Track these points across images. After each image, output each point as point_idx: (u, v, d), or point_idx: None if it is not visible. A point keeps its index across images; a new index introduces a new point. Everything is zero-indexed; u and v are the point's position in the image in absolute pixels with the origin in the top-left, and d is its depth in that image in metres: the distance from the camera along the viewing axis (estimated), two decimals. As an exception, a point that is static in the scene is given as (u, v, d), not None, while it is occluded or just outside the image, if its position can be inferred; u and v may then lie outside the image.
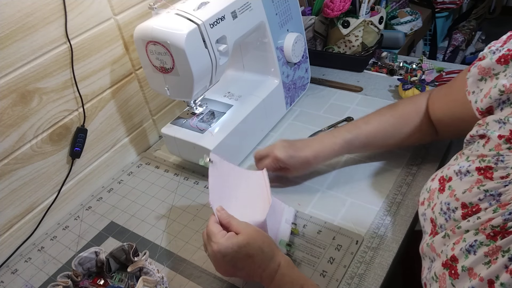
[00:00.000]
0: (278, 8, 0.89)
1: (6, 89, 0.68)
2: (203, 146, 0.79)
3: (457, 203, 0.49)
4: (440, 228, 0.52)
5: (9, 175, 0.73)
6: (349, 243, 0.67)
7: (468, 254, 0.45)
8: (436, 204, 0.53)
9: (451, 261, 0.47)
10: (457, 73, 1.00)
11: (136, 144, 0.97)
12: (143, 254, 0.65)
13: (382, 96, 0.99)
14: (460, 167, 0.51)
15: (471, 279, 0.43)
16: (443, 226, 0.51)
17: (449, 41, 2.11)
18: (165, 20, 0.70)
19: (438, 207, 0.52)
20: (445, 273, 0.47)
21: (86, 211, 0.84)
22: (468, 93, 0.56)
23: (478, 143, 0.51)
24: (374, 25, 1.10)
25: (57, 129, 0.79)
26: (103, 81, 0.84)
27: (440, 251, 0.50)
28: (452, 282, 0.45)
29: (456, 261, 0.46)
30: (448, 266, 0.47)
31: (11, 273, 0.74)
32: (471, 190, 0.47)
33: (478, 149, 0.50)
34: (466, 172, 0.50)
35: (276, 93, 0.93)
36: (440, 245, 0.50)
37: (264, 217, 0.63)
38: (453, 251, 0.47)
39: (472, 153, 0.51)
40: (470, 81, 0.56)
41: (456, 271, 0.45)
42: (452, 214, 0.49)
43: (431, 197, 0.55)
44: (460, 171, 0.51)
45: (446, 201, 0.51)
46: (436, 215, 0.52)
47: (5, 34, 0.66)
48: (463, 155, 0.53)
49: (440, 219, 0.51)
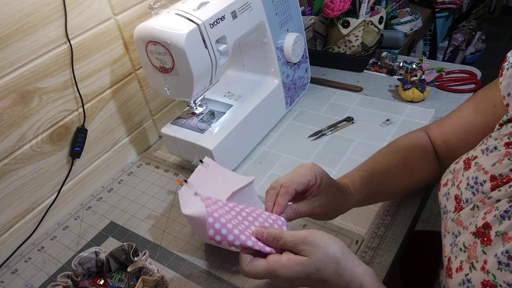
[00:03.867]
0: (278, 8, 0.89)
1: (6, 89, 0.68)
2: (203, 146, 0.79)
3: (486, 176, 0.49)
4: (465, 203, 0.51)
5: (9, 175, 0.73)
6: (349, 243, 0.67)
7: (502, 220, 0.44)
8: (461, 181, 0.53)
9: (483, 228, 0.46)
10: (457, 73, 1.01)
11: (136, 144, 0.97)
12: (143, 254, 0.65)
13: (382, 96, 0.99)
14: (488, 146, 0.51)
15: (505, 243, 0.43)
16: (469, 200, 0.51)
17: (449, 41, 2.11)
18: (165, 20, 0.70)
19: (465, 182, 0.52)
20: (476, 242, 0.47)
21: (86, 211, 0.84)
22: (503, 97, 0.54)
23: (506, 126, 0.51)
24: (374, 25, 1.10)
25: (57, 129, 0.79)
26: (103, 81, 0.84)
27: (468, 223, 0.50)
28: (483, 249, 0.45)
29: (489, 228, 0.45)
30: (480, 234, 0.46)
31: (11, 273, 0.74)
32: (501, 162, 0.48)
33: (506, 130, 0.51)
34: (494, 148, 0.50)
35: (276, 93, 0.93)
36: (469, 217, 0.50)
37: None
38: (485, 220, 0.46)
39: (500, 133, 0.51)
40: (504, 84, 0.54)
41: (489, 238, 0.45)
42: (480, 187, 0.49)
43: (455, 177, 0.55)
44: (487, 149, 0.51)
45: (474, 175, 0.51)
46: (462, 190, 0.52)
47: (5, 34, 0.66)
48: (490, 138, 0.53)
49: (467, 193, 0.51)
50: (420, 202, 0.73)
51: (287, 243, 0.49)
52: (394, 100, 0.97)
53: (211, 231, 0.49)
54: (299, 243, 0.48)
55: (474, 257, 0.46)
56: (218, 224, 0.49)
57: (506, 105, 0.54)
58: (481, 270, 0.44)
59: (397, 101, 0.97)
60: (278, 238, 0.49)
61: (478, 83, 0.96)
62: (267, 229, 0.50)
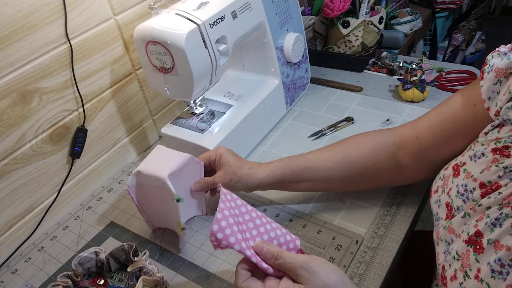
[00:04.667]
0: (278, 8, 0.89)
1: (6, 89, 0.68)
2: (203, 146, 0.79)
3: (475, 183, 0.49)
4: (456, 210, 0.51)
5: (9, 175, 0.73)
6: (349, 243, 0.67)
7: (493, 227, 0.44)
8: (451, 188, 0.53)
9: (475, 236, 0.46)
10: (457, 73, 1.01)
11: (136, 144, 0.97)
12: (143, 254, 0.65)
13: (382, 96, 0.99)
14: (475, 152, 0.51)
15: (497, 251, 0.43)
16: (460, 208, 0.51)
17: (449, 41, 2.11)
18: (165, 20, 0.70)
19: (454, 190, 0.52)
20: (469, 250, 0.47)
21: (86, 211, 0.84)
22: (484, 101, 0.54)
23: (492, 131, 0.51)
24: (374, 25, 1.10)
25: (57, 129, 0.79)
26: (103, 81, 0.84)
27: (460, 231, 0.50)
28: (476, 258, 0.45)
29: (481, 236, 0.45)
30: (472, 243, 0.47)
31: (11, 273, 0.74)
32: (489, 169, 0.48)
33: (492, 135, 0.51)
34: (481, 155, 0.50)
35: (276, 93, 0.93)
36: (460, 225, 0.50)
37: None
38: (476, 227, 0.46)
39: (487, 139, 0.51)
40: (485, 87, 0.54)
41: (482, 245, 0.45)
42: (470, 195, 0.49)
43: (445, 184, 0.55)
44: (475, 155, 0.51)
45: (463, 183, 0.51)
46: (453, 198, 0.52)
47: (5, 34, 0.66)
48: (477, 143, 0.53)
49: (457, 201, 0.51)
50: (420, 202, 0.73)
51: (286, 264, 0.47)
52: (394, 100, 0.97)
53: (216, 227, 0.48)
54: (298, 267, 0.46)
55: (468, 265, 0.46)
56: (225, 222, 0.49)
57: (487, 109, 0.54)
58: (475, 278, 0.45)
59: (397, 101, 0.97)
60: (277, 257, 0.48)
61: (478, 83, 0.96)
62: (267, 245, 0.50)
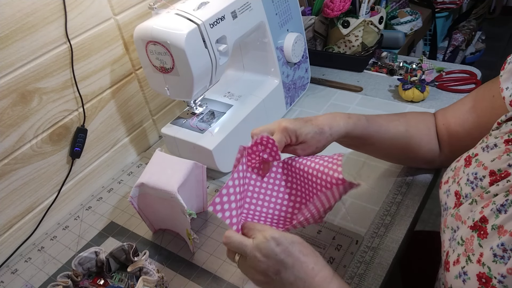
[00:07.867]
0: (278, 8, 0.89)
1: (6, 89, 0.68)
2: (203, 146, 0.79)
3: (485, 171, 0.50)
4: (465, 198, 0.52)
5: (9, 175, 0.73)
6: (349, 243, 0.67)
7: (499, 213, 0.45)
8: (462, 177, 0.54)
9: (480, 222, 0.47)
10: (457, 73, 1.01)
11: (136, 144, 0.97)
12: (143, 254, 0.65)
13: (382, 96, 0.99)
14: (488, 144, 0.52)
15: (501, 236, 0.44)
16: (468, 195, 0.52)
17: (449, 41, 2.11)
18: (165, 20, 0.70)
19: (465, 178, 0.53)
20: (473, 235, 0.47)
21: (86, 211, 0.84)
22: (501, 90, 0.56)
23: (506, 124, 0.52)
24: (374, 25, 1.10)
25: (57, 129, 0.79)
26: (103, 81, 0.84)
27: (466, 218, 0.50)
28: (479, 243, 0.46)
29: (486, 222, 0.46)
30: (477, 228, 0.47)
31: (11, 273, 0.74)
32: (500, 158, 0.49)
33: (506, 128, 0.52)
34: (494, 146, 0.51)
35: (276, 93, 0.93)
36: (467, 211, 0.51)
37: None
38: (482, 214, 0.47)
39: (500, 131, 0.52)
40: (504, 78, 0.56)
41: (486, 231, 0.46)
42: (479, 183, 0.50)
43: (456, 174, 0.56)
44: (487, 146, 0.52)
45: (474, 171, 0.52)
46: (462, 186, 0.53)
47: (5, 34, 0.66)
48: (490, 136, 0.54)
49: (466, 189, 0.52)
50: (420, 202, 0.73)
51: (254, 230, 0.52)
52: (394, 100, 0.97)
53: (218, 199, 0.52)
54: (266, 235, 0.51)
55: (471, 250, 0.47)
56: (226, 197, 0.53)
57: (503, 98, 0.55)
58: (477, 262, 0.45)
59: (397, 101, 0.97)
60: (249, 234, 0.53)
61: (478, 83, 0.96)
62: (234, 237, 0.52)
